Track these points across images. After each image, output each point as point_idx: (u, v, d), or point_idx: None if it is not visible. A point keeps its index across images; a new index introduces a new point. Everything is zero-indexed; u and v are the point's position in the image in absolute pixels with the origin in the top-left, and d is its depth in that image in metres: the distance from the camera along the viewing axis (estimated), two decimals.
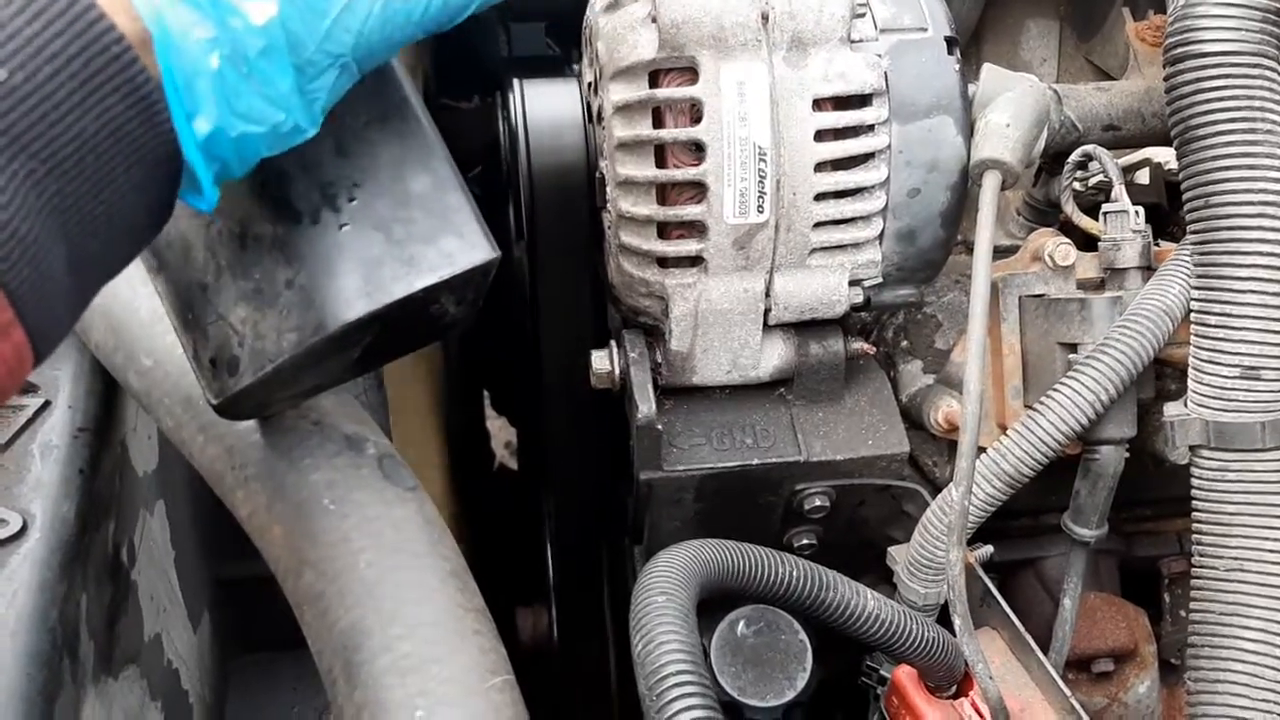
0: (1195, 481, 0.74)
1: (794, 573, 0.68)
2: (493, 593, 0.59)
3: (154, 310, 0.61)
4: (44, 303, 0.41)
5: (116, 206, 0.43)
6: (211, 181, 0.47)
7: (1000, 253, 0.95)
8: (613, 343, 0.82)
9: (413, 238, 0.53)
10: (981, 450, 0.79)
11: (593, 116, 0.80)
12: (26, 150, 0.39)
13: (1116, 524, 0.97)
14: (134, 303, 0.62)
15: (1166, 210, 0.94)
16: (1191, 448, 0.74)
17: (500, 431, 2.19)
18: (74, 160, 0.41)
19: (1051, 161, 0.91)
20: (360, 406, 0.63)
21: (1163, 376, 0.84)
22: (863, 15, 0.74)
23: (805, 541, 0.86)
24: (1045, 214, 0.94)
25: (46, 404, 0.64)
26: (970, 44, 1.03)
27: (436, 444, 1.02)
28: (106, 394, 0.67)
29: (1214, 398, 0.72)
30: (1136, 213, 0.80)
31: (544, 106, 0.81)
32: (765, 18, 0.72)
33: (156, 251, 0.55)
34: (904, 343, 0.91)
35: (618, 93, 0.73)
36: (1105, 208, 0.82)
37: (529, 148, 0.81)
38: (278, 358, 0.52)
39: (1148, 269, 0.80)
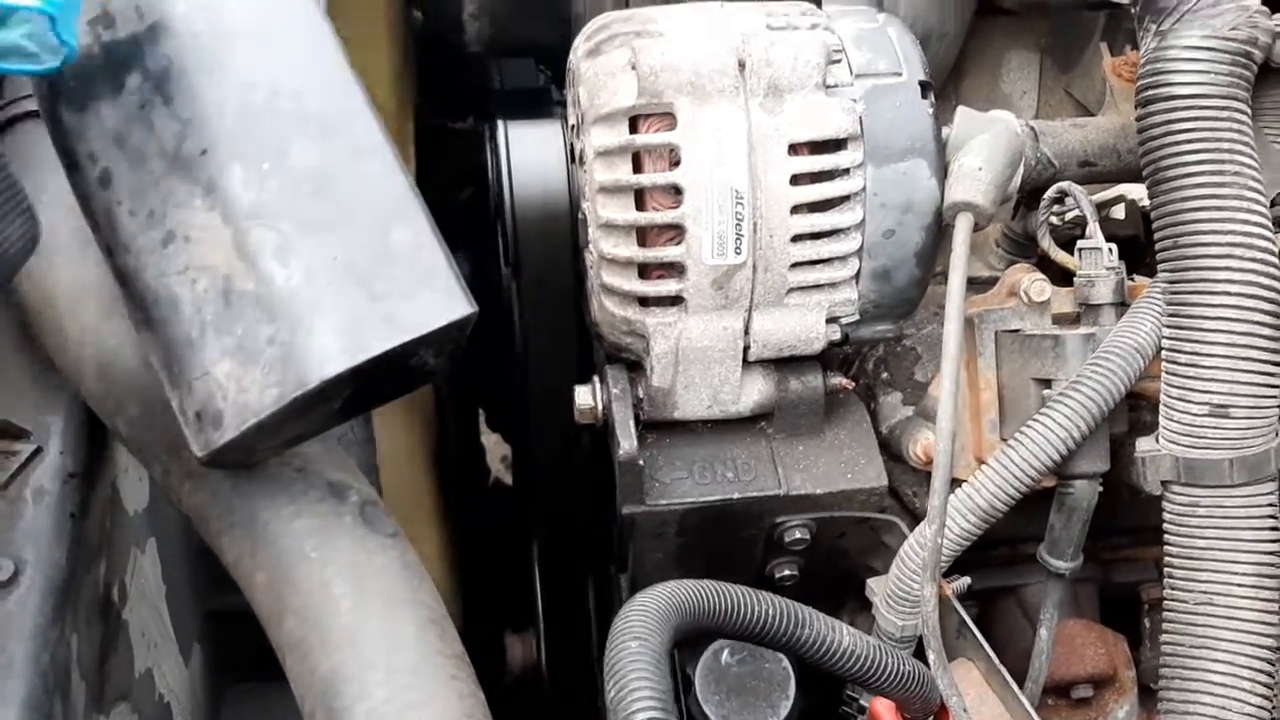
0: (1166, 516, 0.76)
1: (769, 611, 0.69)
2: (484, 617, 0.60)
3: (142, 359, 0.62)
4: None
5: None
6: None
7: (980, 284, 0.96)
8: (595, 378, 0.83)
9: (392, 293, 0.54)
10: (959, 483, 0.80)
11: (575, 158, 0.82)
12: None
13: (1095, 551, 0.99)
14: (124, 352, 0.63)
15: (1143, 242, 0.95)
16: (1163, 483, 0.75)
17: (496, 446, 2.21)
18: None
19: (1029, 196, 0.92)
20: (344, 452, 0.64)
21: (1138, 409, 0.85)
22: (838, 61, 0.76)
23: (787, 573, 0.87)
24: (1024, 246, 0.95)
25: (38, 450, 0.66)
26: (950, 77, 1.05)
27: (425, 466, 1.03)
28: (97, 438, 0.69)
29: (1184, 435, 0.74)
30: (1110, 250, 0.82)
31: (528, 148, 0.83)
32: (742, 65, 0.74)
33: (143, 307, 0.57)
34: (884, 375, 0.93)
35: (599, 138, 0.74)
36: (1080, 244, 0.83)
37: (513, 190, 0.82)
38: (260, 412, 0.54)
39: (1122, 305, 0.82)
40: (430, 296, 0.54)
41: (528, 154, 0.83)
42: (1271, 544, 0.73)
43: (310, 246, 0.54)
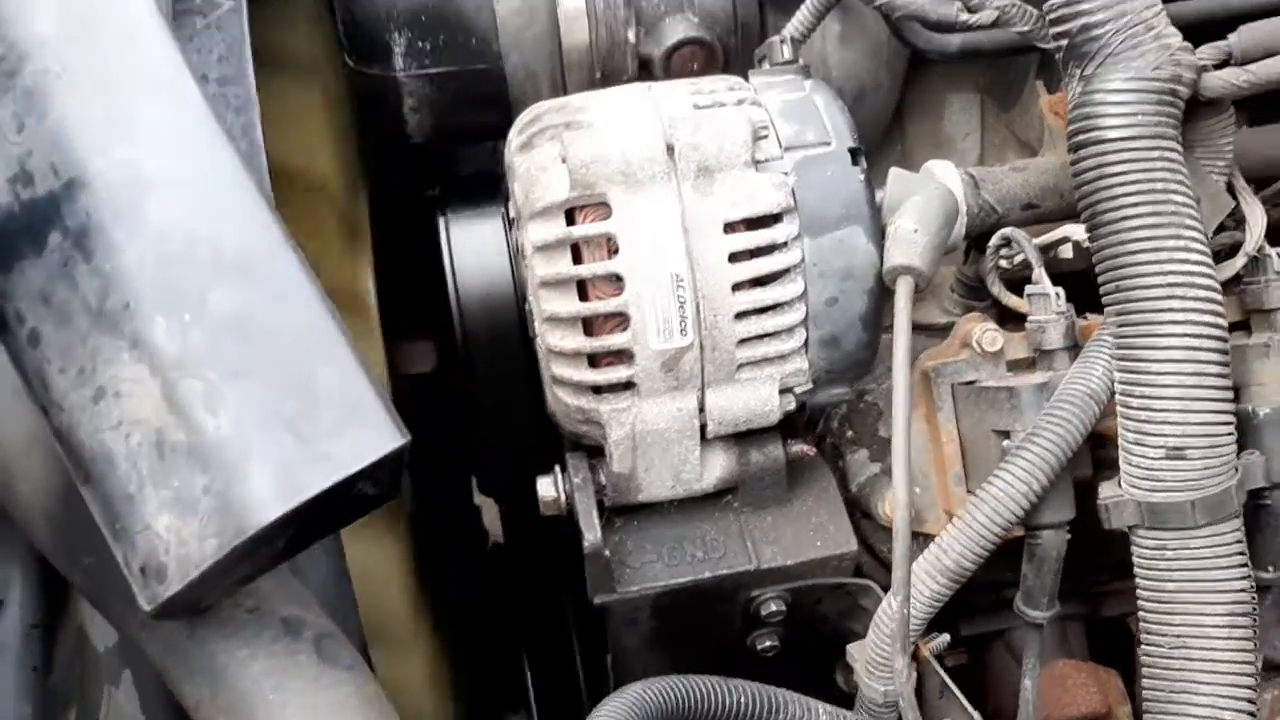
0: (1136, 560, 0.75)
1: (742, 699, 0.69)
2: (481, 695, 0.60)
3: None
4: None
5: None
6: None
7: (937, 330, 0.97)
8: (557, 468, 0.83)
9: (322, 433, 0.55)
10: (929, 539, 0.80)
11: (517, 250, 0.82)
12: None
13: (1080, 586, 0.99)
14: (71, 502, 0.63)
15: (1093, 278, 0.95)
16: (1129, 527, 0.75)
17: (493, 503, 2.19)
18: None
19: (977, 240, 0.92)
20: (298, 583, 0.64)
21: (1105, 446, 0.85)
22: (765, 136, 0.76)
23: (768, 644, 0.87)
24: (977, 290, 0.95)
25: None
26: (895, 122, 1.05)
27: (405, 581, 1.03)
28: (57, 586, 0.69)
29: (1144, 478, 0.73)
30: (1058, 294, 0.82)
31: (470, 244, 0.83)
32: (671, 149, 0.74)
33: (81, 464, 0.57)
34: (849, 433, 0.93)
35: (536, 232, 0.75)
36: (1028, 289, 0.83)
37: (457, 289, 0.83)
38: (202, 563, 0.54)
39: (1074, 348, 0.82)
40: (360, 432, 0.54)
41: (470, 251, 0.83)
42: (1241, 581, 0.73)
43: (237, 393, 0.54)
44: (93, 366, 0.56)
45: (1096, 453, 0.83)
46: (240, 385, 0.54)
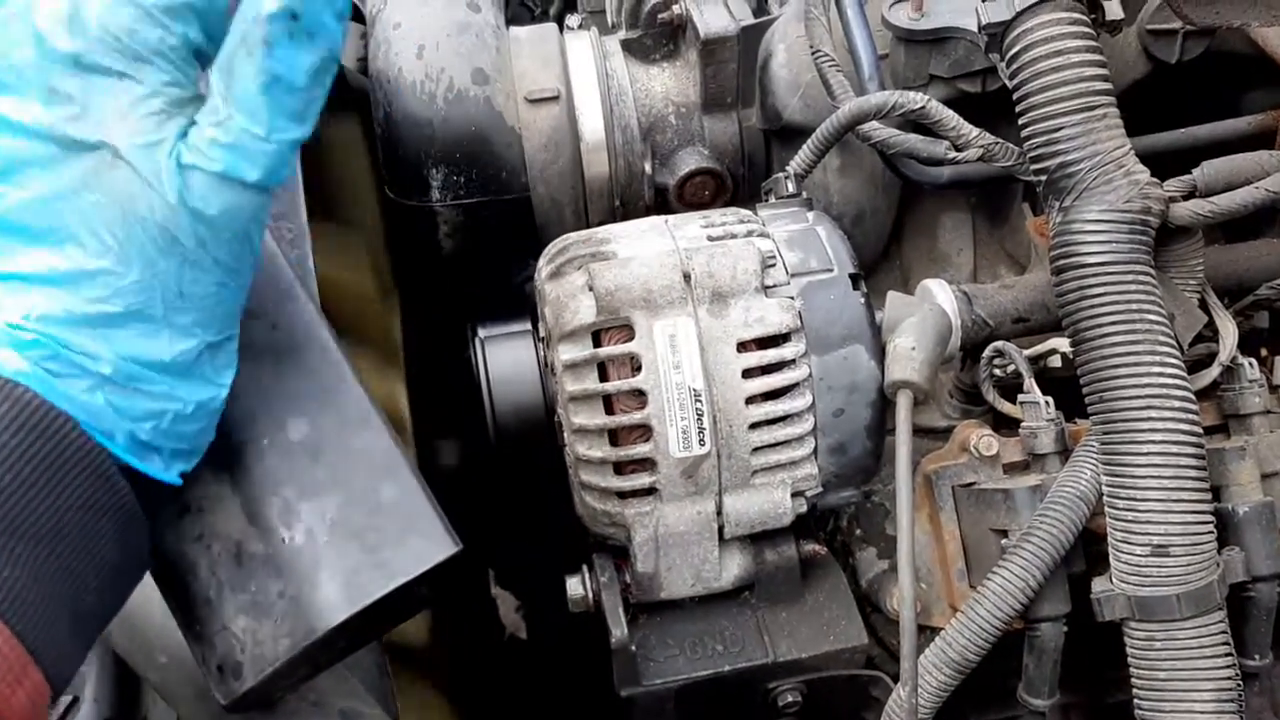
0: (1129, 650, 0.81)
1: None
2: None
3: (167, 613, 0.68)
4: (55, 647, 0.49)
5: (102, 560, 0.52)
6: (162, 469, 0.56)
7: (938, 434, 1.03)
8: (584, 567, 0.89)
9: (384, 543, 0.61)
10: (935, 631, 0.85)
11: (547, 365, 0.89)
12: (18, 533, 0.48)
13: (1084, 674, 1.03)
14: (149, 608, 0.69)
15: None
16: (1120, 620, 0.81)
17: (510, 596, 2.23)
18: (56, 533, 0.50)
19: (973, 351, 0.99)
20: (353, 678, 0.70)
21: (1098, 542, 0.91)
22: (773, 265, 0.84)
23: None
24: (974, 396, 1.02)
25: (75, 700, 0.72)
26: (892, 240, 1.13)
27: (438, 678, 1.08)
28: (128, 682, 0.74)
29: (1131, 574, 0.79)
30: (1048, 403, 0.89)
31: (504, 360, 0.91)
32: (687, 277, 0.82)
33: (165, 572, 0.63)
34: (858, 531, 0.99)
35: (566, 353, 0.82)
36: (1020, 398, 0.90)
37: (492, 398, 0.90)
38: (275, 661, 0.60)
39: (1065, 451, 0.88)
40: (419, 542, 0.61)
41: (504, 366, 0.90)
42: (1227, 670, 0.78)
43: (309, 508, 0.61)
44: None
45: (1089, 550, 0.89)
46: (312, 501, 0.61)
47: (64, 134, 0.52)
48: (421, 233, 1.08)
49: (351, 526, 0.61)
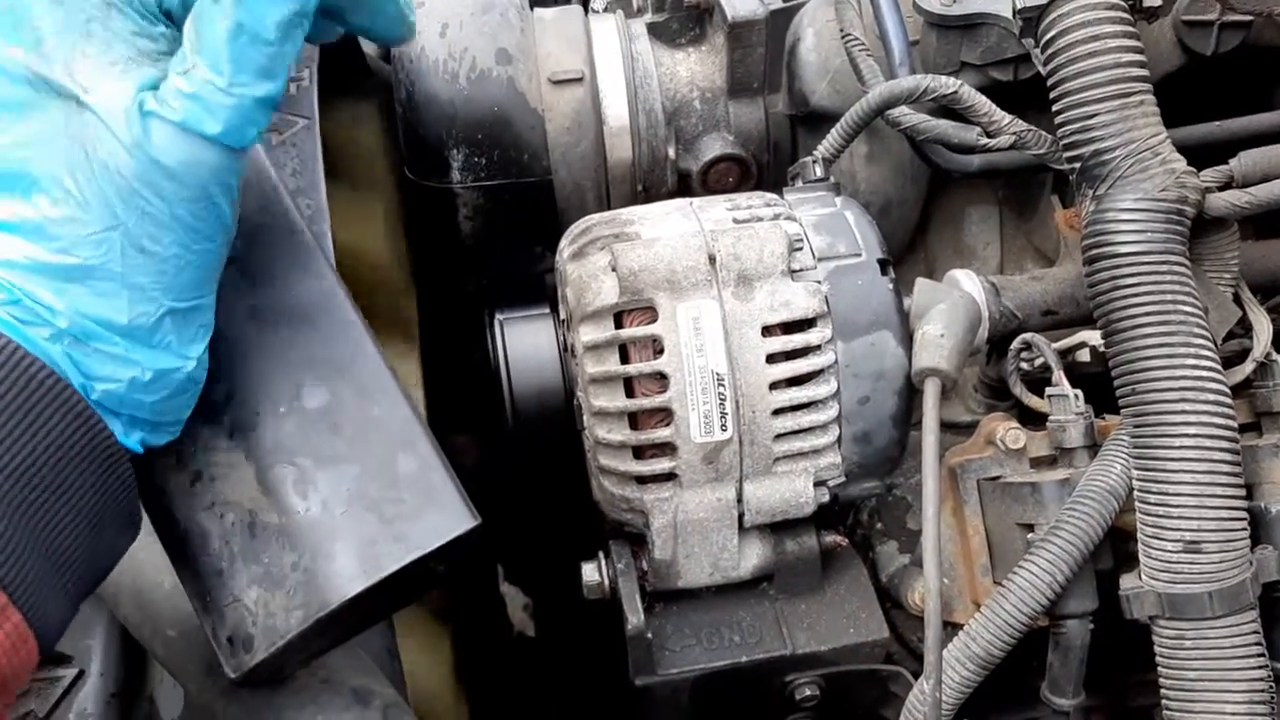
0: (1157, 649, 0.79)
1: None
2: None
3: (175, 584, 0.67)
4: (33, 590, 0.48)
5: (80, 504, 0.51)
6: (120, 434, 0.54)
7: (962, 428, 1.02)
8: (601, 554, 0.88)
9: (401, 515, 0.60)
10: (959, 627, 0.84)
11: (567, 348, 0.88)
12: None
13: (1106, 677, 1.01)
14: (157, 578, 0.68)
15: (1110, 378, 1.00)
16: (1150, 617, 0.79)
17: (518, 594, 2.22)
18: (30, 473, 0.48)
19: (1000, 344, 0.97)
20: (365, 656, 0.68)
21: (1125, 540, 0.89)
22: (800, 248, 0.82)
23: None
24: (1000, 390, 1.00)
25: (81, 673, 0.70)
26: (918, 232, 1.12)
27: (441, 633, 1.07)
28: (134, 657, 0.73)
29: (1162, 570, 0.77)
30: (1077, 396, 0.87)
31: (523, 343, 0.89)
32: (713, 259, 0.80)
33: (175, 542, 0.62)
34: (878, 525, 0.97)
35: (587, 334, 0.80)
36: (1048, 391, 0.88)
37: (511, 380, 0.88)
38: (287, 634, 0.59)
39: (1093, 446, 0.86)
40: (436, 515, 0.60)
41: (523, 348, 0.89)
42: (1259, 670, 0.76)
43: (326, 478, 0.60)
44: (192, 451, 0.62)
45: (1117, 547, 0.87)
46: (328, 470, 0.60)
47: (40, 77, 0.52)
48: (441, 215, 1.07)
49: (368, 498, 0.59)
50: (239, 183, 0.56)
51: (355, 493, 0.59)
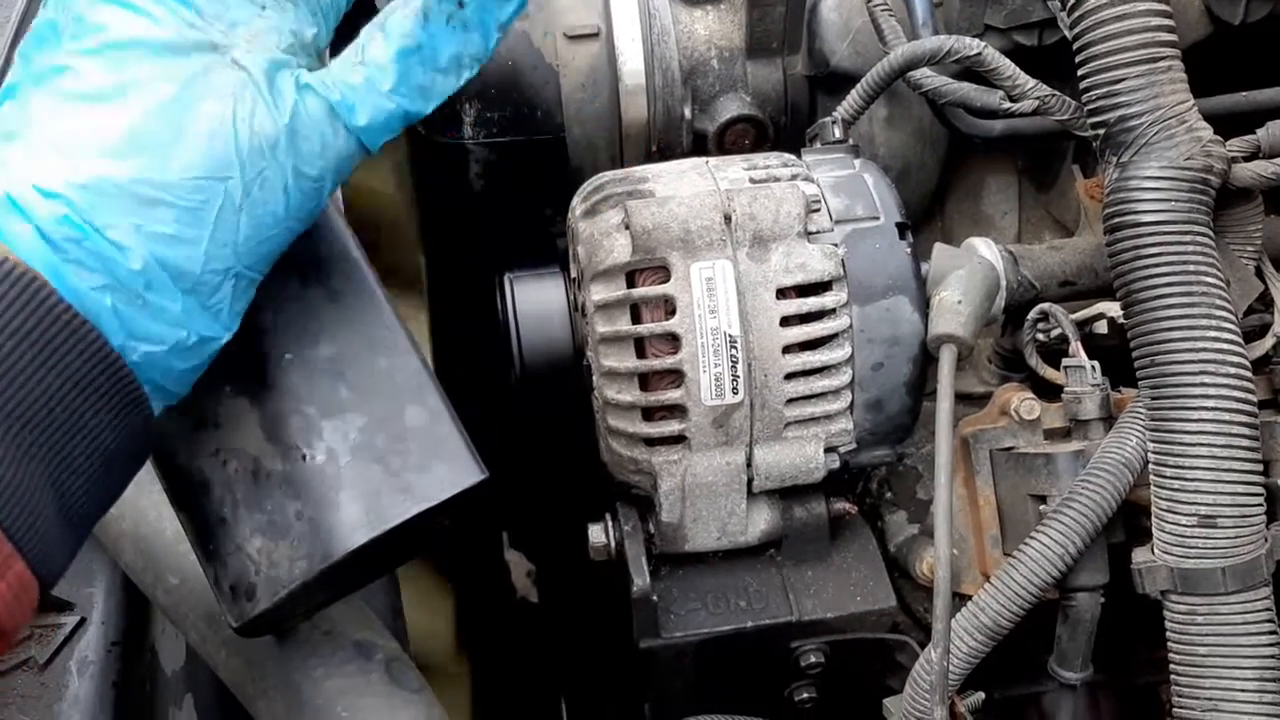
0: (1168, 625, 0.78)
1: None
2: None
3: (178, 531, 0.66)
4: (40, 537, 0.47)
5: (93, 445, 0.49)
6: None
7: (975, 400, 1.00)
8: (607, 516, 0.87)
9: (408, 467, 0.59)
10: (966, 599, 0.83)
11: (578, 308, 0.87)
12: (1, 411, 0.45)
13: (1113, 653, 1.00)
14: (160, 525, 0.67)
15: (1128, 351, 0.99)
16: (1161, 592, 0.78)
17: (520, 560, 2.23)
18: (44, 413, 0.47)
19: (1015, 314, 0.96)
20: (368, 610, 0.68)
21: (1137, 515, 0.88)
22: (817, 210, 0.81)
23: (805, 695, 0.89)
24: (1014, 362, 0.99)
25: (82, 621, 0.70)
26: (934, 201, 1.10)
27: (448, 611, 1.06)
28: (136, 606, 0.72)
29: (1176, 545, 0.76)
30: (1093, 367, 0.85)
31: (533, 301, 0.88)
32: (728, 219, 0.79)
33: (178, 488, 0.61)
34: (888, 494, 0.96)
35: (598, 292, 0.79)
36: (1065, 362, 0.87)
37: (520, 339, 0.87)
38: (290, 584, 0.58)
39: (1109, 419, 0.85)
40: (444, 468, 0.59)
41: (532, 306, 0.87)
42: (1271, 647, 0.75)
43: (332, 428, 0.59)
44: (196, 398, 0.60)
45: (1130, 522, 0.86)
46: (335, 420, 0.59)
47: (191, 32, 0.52)
48: (451, 171, 1.05)
49: (375, 448, 0.58)
50: (345, 178, 0.57)
51: (362, 443, 0.58)
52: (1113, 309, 0.92)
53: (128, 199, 0.49)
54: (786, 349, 0.79)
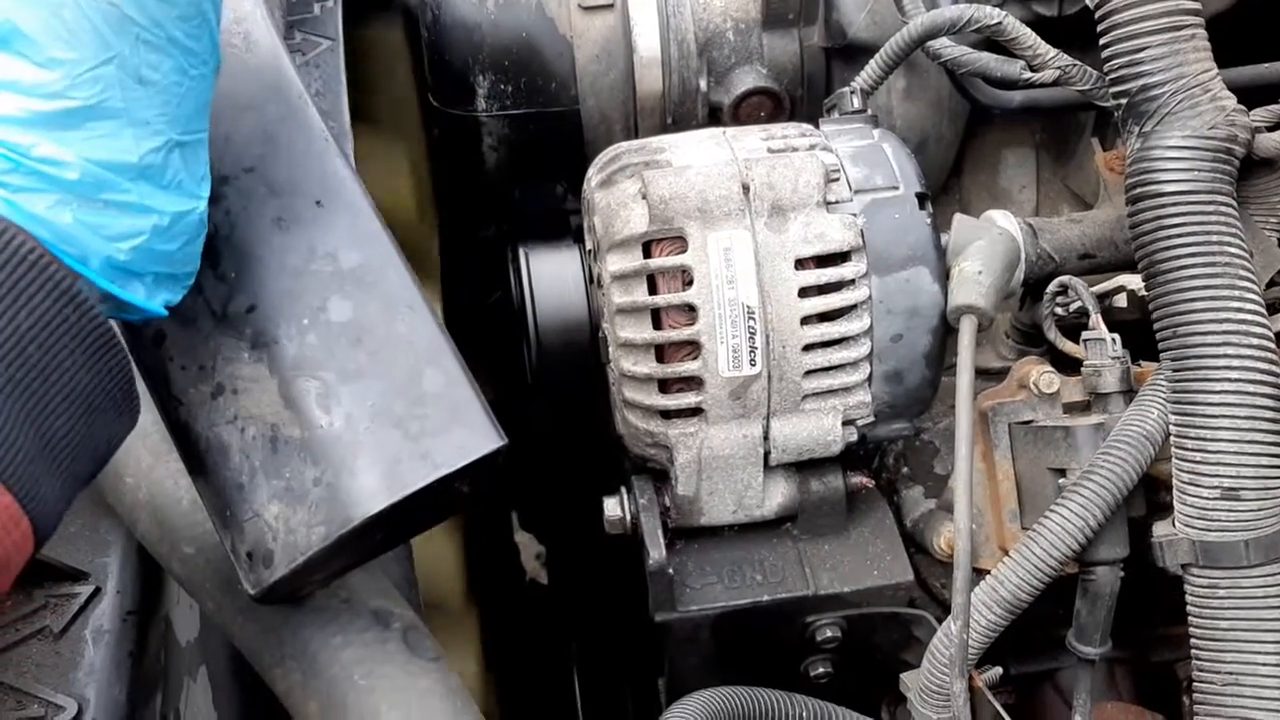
0: (1189, 598, 0.77)
1: (803, 713, 0.71)
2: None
3: (194, 501, 0.66)
4: (21, 471, 0.46)
5: (70, 386, 0.49)
6: (144, 297, 0.52)
7: (993, 374, 0.99)
8: (623, 489, 0.86)
9: (427, 432, 0.58)
10: (984, 573, 0.82)
11: (594, 280, 0.86)
12: None
13: (1130, 630, 1.00)
14: (176, 494, 0.67)
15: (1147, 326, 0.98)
16: (1182, 566, 0.77)
17: (530, 543, 2.23)
18: (15, 351, 0.46)
19: (1034, 288, 0.95)
20: (385, 578, 0.67)
21: (1157, 490, 0.87)
22: (837, 179, 0.80)
23: (821, 670, 0.89)
24: (1032, 336, 0.98)
25: (97, 590, 0.69)
26: (952, 174, 1.09)
27: (462, 581, 1.06)
28: (152, 575, 0.72)
29: (1198, 518, 0.75)
30: (1114, 340, 0.85)
31: (548, 273, 0.87)
32: (746, 189, 0.78)
33: (195, 455, 0.60)
34: (905, 469, 0.95)
35: (615, 263, 0.78)
36: (1084, 335, 0.86)
37: (535, 311, 0.86)
38: (308, 550, 0.57)
39: (1129, 392, 0.84)
40: (462, 433, 0.58)
41: (548, 278, 0.87)
42: None
43: (350, 393, 0.58)
44: (213, 364, 0.60)
45: (1150, 497, 0.85)
46: (353, 385, 0.58)
47: None
48: (465, 144, 1.05)
49: (393, 414, 0.58)
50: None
51: (380, 408, 0.58)
52: (1133, 282, 0.91)
53: (35, 124, 0.48)
54: (805, 320, 0.78)
